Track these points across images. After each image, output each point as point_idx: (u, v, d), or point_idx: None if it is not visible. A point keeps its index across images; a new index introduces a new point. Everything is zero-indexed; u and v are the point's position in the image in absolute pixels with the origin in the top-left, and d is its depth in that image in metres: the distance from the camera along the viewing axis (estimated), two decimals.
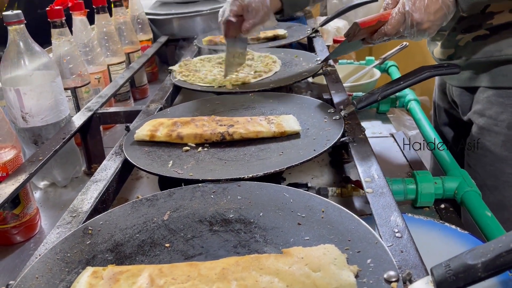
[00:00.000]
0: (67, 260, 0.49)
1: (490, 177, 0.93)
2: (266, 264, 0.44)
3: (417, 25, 0.75)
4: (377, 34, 0.80)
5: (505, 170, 0.91)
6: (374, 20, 0.78)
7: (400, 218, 0.51)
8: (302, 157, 0.65)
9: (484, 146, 0.94)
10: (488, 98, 0.92)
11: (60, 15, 0.99)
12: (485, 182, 0.93)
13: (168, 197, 0.60)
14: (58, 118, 0.88)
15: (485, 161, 0.94)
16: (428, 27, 0.76)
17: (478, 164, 0.95)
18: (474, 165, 0.95)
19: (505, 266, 0.36)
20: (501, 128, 0.90)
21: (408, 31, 0.77)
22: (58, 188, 0.93)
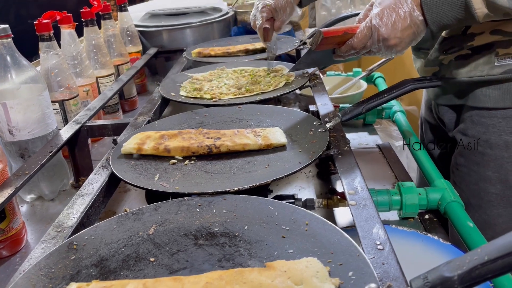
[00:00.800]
0: (51, 276, 0.49)
1: (475, 196, 0.94)
2: (249, 278, 0.45)
3: (383, 41, 0.75)
4: (345, 46, 0.80)
5: (489, 190, 0.92)
6: (340, 31, 0.77)
7: (382, 230, 0.52)
8: (287, 170, 0.66)
9: (468, 165, 0.94)
10: (471, 118, 0.93)
11: (48, 28, 0.99)
12: (470, 200, 0.94)
13: (154, 211, 0.60)
14: (45, 131, 0.88)
15: (469, 180, 0.95)
16: (395, 43, 0.76)
17: (463, 183, 0.95)
18: (459, 183, 0.96)
19: (480, 279, 0.37)
20: (484, 148, 0.91)
21: (375, 46, 0.77)
22: (46, 201, 0.93)
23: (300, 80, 1.08)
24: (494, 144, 0.90)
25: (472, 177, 0.94)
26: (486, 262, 0.37)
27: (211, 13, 1.77)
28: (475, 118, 0.92)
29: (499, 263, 0.36)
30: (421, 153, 0.92)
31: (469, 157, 0.94)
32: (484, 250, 0.37)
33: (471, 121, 0.93)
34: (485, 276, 0.37)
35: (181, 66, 1.35)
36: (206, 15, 1.74)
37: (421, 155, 0.92)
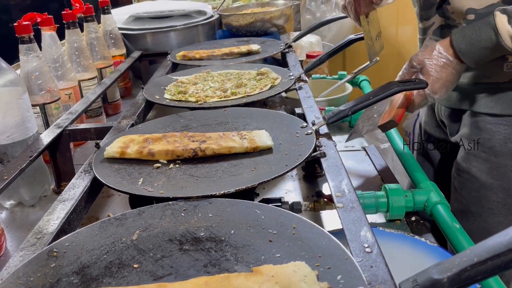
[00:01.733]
0: (30, 285, 0.47)
1: (475, 203, 0.93)
2: (235, 283, 0.44)
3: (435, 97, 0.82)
4: None
5: (490, 198, 0.91)
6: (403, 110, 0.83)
7: (370, 233, 0.52)
8: (274, 173, 0.65)
9: (470, 172, 0.93)
10: (476, 123, 0.92)
11: (28, 30, 0.97)
12: (470, 207, 0.93)
13: (138, 216, 0.59)
14: (25, 135, 0.85)
15: (470, 186, 0.94)
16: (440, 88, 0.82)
17: (463, 189, 0.95)
18: (460, 189, 0.95)
19: (470, 280, 0.36)
20: (488, 155, 0.90)
21: None
22: (25, 207, 0.90)
23: (285, 83, 1.08)
24: (499, 151, 0.89)
25: (474, 183, 0.93)
26: (475, 264, 0.36)
27: (196, 16, 1.76)
28: (480, 124, 0.91)
29: (488, 264, 0.36)
30: (408, 155, 0.93)
31: (472, 163, 0.93)
32: (473, 252, 0.37)
33: (476, 126, 0.92)
34: (474, 278, 0.36)
35: (166, 69, 1.33)
36: (190, 18, 1.73)
37: (407, 158, 0.92)
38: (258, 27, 1.71)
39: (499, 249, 0.36)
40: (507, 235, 0.36)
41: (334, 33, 2.40)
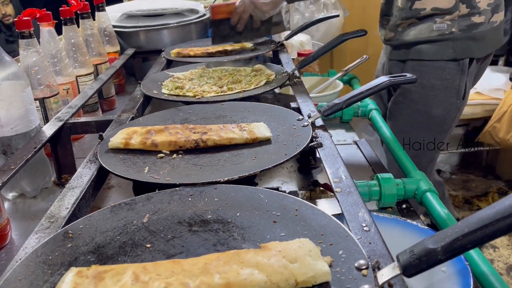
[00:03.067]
0: (49, 263, 0.50)
1: (407, 124, 1.32)
2: (246, 258, 0.47)
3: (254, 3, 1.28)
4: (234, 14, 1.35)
5: (417, 119, 1.32)
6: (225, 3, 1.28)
7: (367, 214, 0.56)
8: (274, 161, 0.69)
9: (406, 101, 1.32)
10: (412, 67, 1.31)
11: (28, 26, 0.99)
12: (403, 127, 1.29)
13: (147, 201, 0.61)
14: (28, 128, 0.87)
15: (405, 112, 1.33)
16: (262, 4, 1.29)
17: (399, 114, 1.30)
18: (396, 115, 1.30)
19: (462, 249, 0.40)
20: (418, 88, 1.31)
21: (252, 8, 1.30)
22: (27, 199, 0.92)
23: (280, 79, 1.11)
24: (425, 85, 1.29)
25: (406, 110, 1.33)
26: (466, 234, 0.40)
27: (188, 14, 1.78)
28: (415, 67, 1.31)
29: (478, 233, 0.40)
30: (398, 147, 0.97)
31: (406, 95, 1.33)
32: (464, 223, 0.41)
33: (412, 69, 1.32)
34: (466, 246, 0.40)
35: (161, 66, 1.35)
36: (183, 17, 1.75)
37: (397, 150, 0.96)
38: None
39: (487, 220, 0.40)
40: (494, 208, 0.40)
41: (322, 32, 2.45)
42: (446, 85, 1.28)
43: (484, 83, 2.41)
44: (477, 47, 1.26)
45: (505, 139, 2.24)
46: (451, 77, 1.27)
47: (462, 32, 1.24)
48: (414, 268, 0.42)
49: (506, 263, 2.07)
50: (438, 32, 1.24)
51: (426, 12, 1.25)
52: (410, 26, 1.29)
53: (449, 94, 1.28)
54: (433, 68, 1.27)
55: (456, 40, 1.24)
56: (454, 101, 1.30)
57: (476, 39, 1.25)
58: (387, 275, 0.44)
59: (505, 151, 2.64)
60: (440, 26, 1.24)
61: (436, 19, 1.24)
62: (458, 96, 1.29)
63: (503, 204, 0.40)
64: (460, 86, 1.28)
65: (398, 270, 0.43)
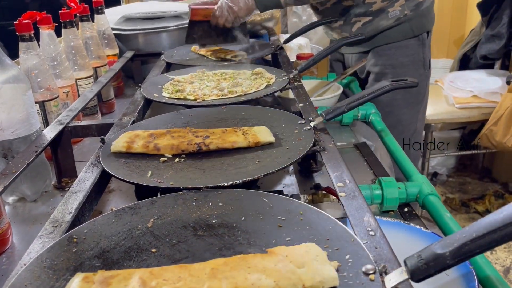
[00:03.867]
0: (54, 268, 0.50)
1: (388, 104, 1.40)
2: (253, 263, 0.47)
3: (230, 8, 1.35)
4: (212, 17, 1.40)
5: (396, 97, 1.43)
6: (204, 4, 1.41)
7: (372, 218, 0.56)
8: (278, 165, 0.69)
9: None
10: (377, 53, 1.46)
11: (28, 28, 0.98)
12: (384, 108, 1.33)
13: (151, 205, 0.61)
14: (29, 131, 0.87)
15: None
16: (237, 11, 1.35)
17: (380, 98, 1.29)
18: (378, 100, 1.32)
19: (470, 253, 0.41)
20: (389, 69, 1.44)
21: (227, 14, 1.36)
22: (28, 202, 0.91)
23: (280, 82, 1.12)
24: (395, 65, 1.43)
25: None
26: (474, 239, 0.40)
27: (186, 17, 1.78)
28: (381, 52, 1.46)
29: (486, 238, 0.40)
30: (399, 150, 0.97)
31: (380, 79, 1.43)
32: (472, 228, 0.41)
33: (378, 55, 1.47)
34: (474, 251, 0.40)
35: (160, 69, 1.35)
36: (181, 20, 1.75)
37: (398, 153, 0.96)
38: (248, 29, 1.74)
39: (495, 225, 0.40)
40: (502, 213, 0.40)
41: (320, 36, 2.45)
42: (412, 60, 1.46)
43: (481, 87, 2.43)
44: (427, 21, 1.47)
45: (502, 142, 2.26)
46: (415, 52, 1.46)
47: (413, 12, 1.42)
48: (422, 273, 0.42)
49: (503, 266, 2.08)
50: (394, 19, 1.41)
51: (377, 6, 1.40)
52: (365, 24, 1.43)
53: (416, 67, 1.47)
54: (398, 48, 1.45)
55: (411, 20, 1.42)
56: (423, 72, 1.49)
57: (425, 15, 1.45)
58: (394, 280, 0.44)
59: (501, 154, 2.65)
60: (393, 14, 1.41)
61: (388, 10, 1.40)
62: (424, 66, 1.48)
63: (510, 209, 0.40)
64: (424, 57, 1.47)
65: (406, 275, 0.43)
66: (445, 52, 3.15)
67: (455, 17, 3.08)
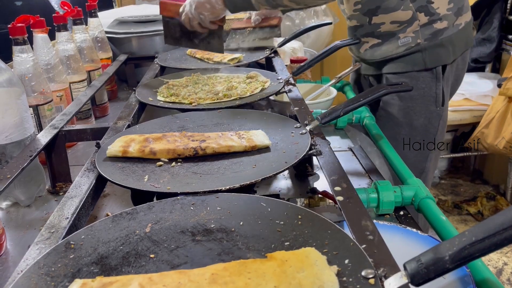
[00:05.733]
0: (52, 275, 0.49)
1: (392, 138, 1.24)
2: (253, 268, 0.47)
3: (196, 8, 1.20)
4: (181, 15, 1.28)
5: (400, 132, 1.31)
6: None
7: (370, 222, 0.56)
8: (275, 169, 0.69)
9: (387, 115, 1.32)
10: (387, 80, 1.33)
11: (22, 32, 0.98)
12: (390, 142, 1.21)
13: (148, 210, 0.61)
14: (23, 135, 0.86)
15: (388, 125, 1.31)
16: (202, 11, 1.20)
17: (384, 128, 1.22)
18: (382, 128, 1.22)
19: (470, 257, 0.41)
20: (396, 100, 1.30)
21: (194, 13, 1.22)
22: (21, 207, 0.90)
23: (275, 85, 1.12)
24: (402, 97, 1.29)
25: (389, 123, 1.31)
26: (474, 242, 0.41)
27: None
28: (390, 80, 1.32)
29: (486, 242, 0.40)
30: (393, 154, 0.98)
31: (387, 109, 1.33)
32: (471, 232, 0.41)
33: (388, 82, 1.31)
34: (473, 254, 0.41)
35: (154, 72, 1.35)
36: None
37: (393, 157, 0.97)
38: None
39: (494, 229, 0.40)
40: (501, 216, 0.41)
41: (313, 39, 2.47)
42: (423, 94, 1.28)
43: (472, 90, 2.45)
44: (446, 53, 1.26)
45: (493, 145, 2.28)
46: (427, 86, 1.27)
47: (428, 41, 1.23)
48: (422, 277, 0.42)
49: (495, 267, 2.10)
50: (405, 47, 1.24)
51: (386, 28, 1.24)
52: (373, 47, 1.29)
53: (427, 103, 1.29)
54: (408, 78, 1.27)
55: (424, 50, 1.24)
56: (434, 109, 1.30)
57: (444, 45, 1.25)
58: (394, 284, 0.44)
59: (492, 156, 2.68)
60: (405, 41, 1.24)
61: (399, 35, 1.24)
62: (437, 103, 1.29)
63: (509, 213, 0.40)
64: (437, 93, 1.29)
65: (406, 279, 0.43)
66: None
67: None
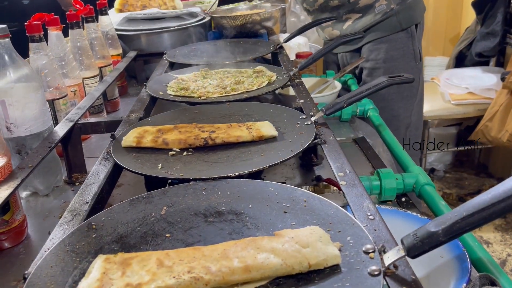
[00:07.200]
0: (76, 251, 0.54)
1: (383, 99, 1.43)
2: (261, 244, 0.51)
3: None
4: None
5: (390, 91, 1.44)
6: None
7: (371, 204, 0.60)
8: (282, 157, 0.72)
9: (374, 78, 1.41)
10: (369, 49, 1.50)
11: (38, 29, 1.02)
12: (379, 104, 1.33)
13: (163, 195, 0.65)
14: (42, 128, 0.91)
15: None
16: None
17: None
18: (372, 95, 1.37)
19: (461, 231, 0.44)
20: (380, 64, 1.48)
21: None
22: (40, 197, 0.95)
23: (281, 80, 1.15)
24: (386, 59, 1.46)
25: None
26: (464, 217, 0.44)
27: (188, 18, 1.82)
28: (371, 47, 1.50)
29: (475, 217, 0.44)
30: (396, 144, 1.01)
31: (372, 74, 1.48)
32: (462, 208, 0.45)
33: (369, 51, 1.52)
34: (464, 228, 0.44)
35: (164, 68, 1.39)
36: (182, 20, 1.79)
37: (396, 147, 1.00)
38: (248, 29, 1.79)
39: (483, 204, 0.44)
40: (489, 193, 0.44)
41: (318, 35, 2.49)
42: (402, 53, 1.48)
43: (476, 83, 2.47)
44: (415, 14, 1.48)
45: (497, 138, 2.30)
46: (405, 45, 1.47)
47: (399, 5, 1.44)
48: (418, 250, 0.46)
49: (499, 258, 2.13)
50: (381, 14, 1.44)
51: (364, 1, 1.42)
52: (355, 21, 1.48)
53: (407, 60, 1.48)
54: (387, 42, 1.47)
55: (398, 14, 1.44)
56: (414, 64, 1.49)
57: (412, 8, 1.47)
58: (392, 257, 0.48)
59: (497, 150, 2.70)
60: (380, 8, 1.44)
61: (375, 5, 1.43)
62: (415, 59, 1.49)
63: (497, 190, 0.44)
64: (414, 50, 1.48)
65: (403, 252, 0.47)
66: (441, 50, 3.20)
67: (451, 16, 3.12)
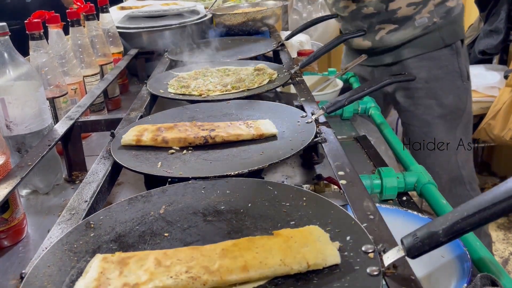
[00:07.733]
0: (74, 251, 0.53)
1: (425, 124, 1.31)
2: (260, 243, 0.51)
3: None
4: None
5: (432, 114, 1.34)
6: None
7: (371, 203, 0.59)
8: (282, 155, 0.72)
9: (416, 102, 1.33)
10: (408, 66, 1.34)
11: (38, 27, 1.02)
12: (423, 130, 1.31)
13: (162, 193, 0.65)
14: (42, 126, 0.90)
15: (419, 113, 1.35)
16: None
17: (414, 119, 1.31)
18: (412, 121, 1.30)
19: (461, 231, 0.44)
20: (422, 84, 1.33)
21: None
22: (40, 195, 0.95)
23: (282, 77, 1.15)
24: (428, 79, 1.31)
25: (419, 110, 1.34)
26: (465, 217, 0.44)
27: (189, 15, 1.81)
28: (411, 65, 1.33)
29: (476, 217, 0.43)
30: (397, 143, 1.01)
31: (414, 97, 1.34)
32: (463, 208, 0.44)
33: (409, 68, 1.34)
34: (464, 228, 0.44)
35: (165, 66, 1.39)
36: (184, 18, 1.78)
37: (397, 145, 1.00)
38: (249, 27, 1.78)
39: (484, 204, 0.43)
40: (490, 193, 0.44)
41: (320, 32, 2.48)
42: (447, 71, 1.32)
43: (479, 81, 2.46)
44: (460, 29, 1.35)
45: (500, 136, 2.29)
46: (449, 62, 1.32)
47: (443, 19, 1.29)
48: (418, 250, 0.45)
49: (502, 257, 2.12)
50: (422, 27, 1.29)
51: (403, 12, 1.28)
52: (390, 32, 1.32)
53: (453, 79, 1.33)
54: (430, 59, 1.31)
55: (440, 28, 1.30)
56: (460, 84, 1.34)
57: (456, 22, 1.33)
58: (392, 257, 0.47)
59: (500, 148, 2.69)
60: (421, 22, 1.29)
61: (415, 17, 1.28)
62: (462, 78, 1.34)
63: (498, 190, 0.43)
64: (460, 68, 1.33)
65: (403, 252, 0.47)
66: None
67: None
